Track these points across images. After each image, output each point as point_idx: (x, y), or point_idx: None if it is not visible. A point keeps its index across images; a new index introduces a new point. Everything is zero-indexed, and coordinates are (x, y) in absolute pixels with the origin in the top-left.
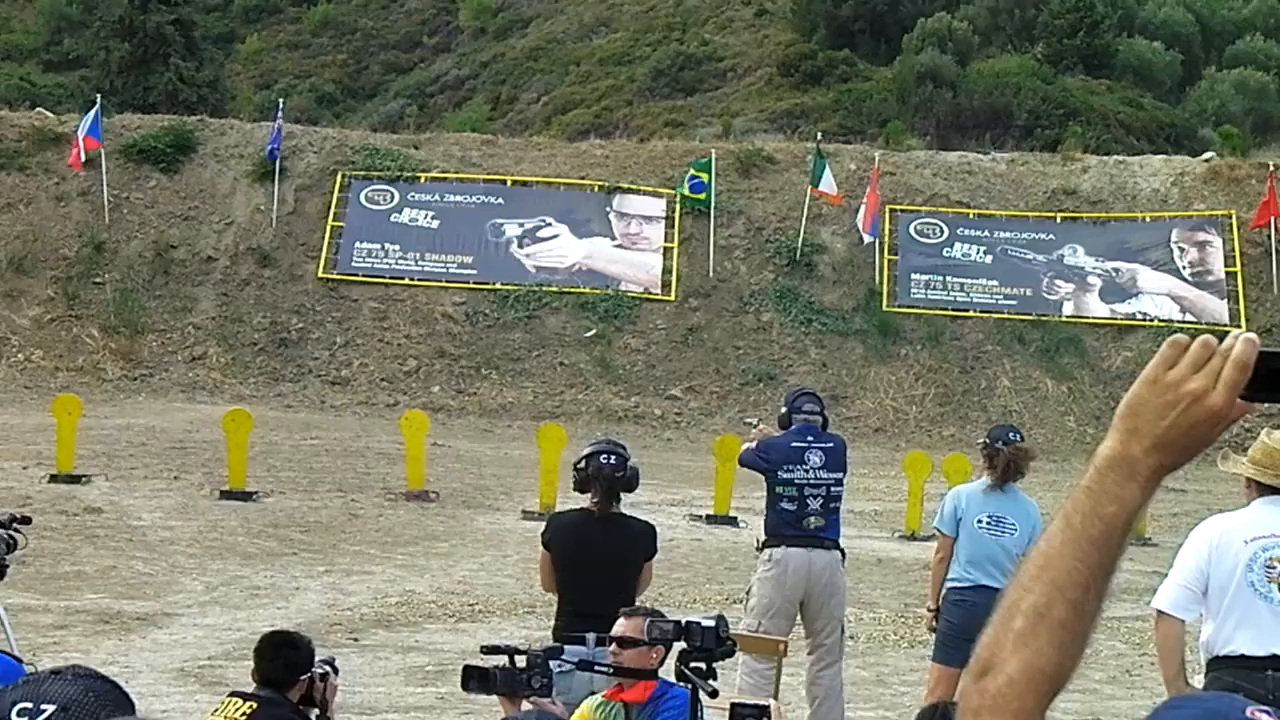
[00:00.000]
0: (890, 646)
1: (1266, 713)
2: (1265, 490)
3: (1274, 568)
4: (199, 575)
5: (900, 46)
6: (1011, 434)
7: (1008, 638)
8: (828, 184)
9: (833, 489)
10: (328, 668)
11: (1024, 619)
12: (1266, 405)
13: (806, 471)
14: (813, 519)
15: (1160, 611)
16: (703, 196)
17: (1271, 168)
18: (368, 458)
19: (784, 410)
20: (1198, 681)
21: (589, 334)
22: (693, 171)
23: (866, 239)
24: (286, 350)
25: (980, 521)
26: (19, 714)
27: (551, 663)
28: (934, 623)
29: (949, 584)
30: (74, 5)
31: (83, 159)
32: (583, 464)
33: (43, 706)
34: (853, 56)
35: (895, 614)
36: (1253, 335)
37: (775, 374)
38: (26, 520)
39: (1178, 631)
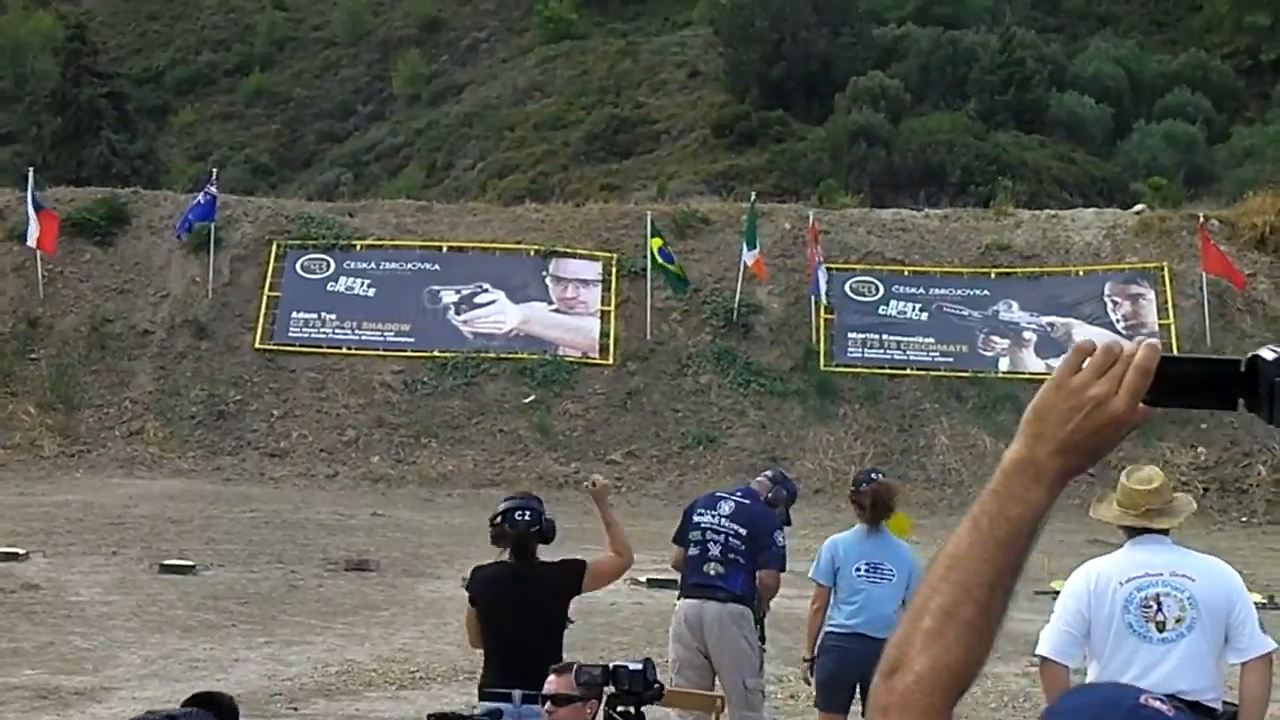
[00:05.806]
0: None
1: (1159, 700)
2: (1133, 531)
3: (1149, 606)
4: (138, 649)
5: (833, 105)
6: (873, 474)
7: (916, 636)
8: (757, 255)
9: (731, 539)
10: None
11: (932, 618)
12: (1167, 410)
13: (714, 518)
14: (712, 565)
15: (1044, 658)
16: (676, 269)
17: (1202, 219)
18: (307, 529)
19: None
20: None
21: (528, 400)
22: (657, 244)
23: (825, 299)
24: (225, 423)
25: (858, 570)
26: None
27: None
28: (809, 672)
29: (827, 630)
30: (5, 79)
31: (47, 239)
32: (498, 519)
33: None
34: (786, 116)
35: None
36: (1155, 341)
37: (715, 436)
38: None
39: (1063, 676)
